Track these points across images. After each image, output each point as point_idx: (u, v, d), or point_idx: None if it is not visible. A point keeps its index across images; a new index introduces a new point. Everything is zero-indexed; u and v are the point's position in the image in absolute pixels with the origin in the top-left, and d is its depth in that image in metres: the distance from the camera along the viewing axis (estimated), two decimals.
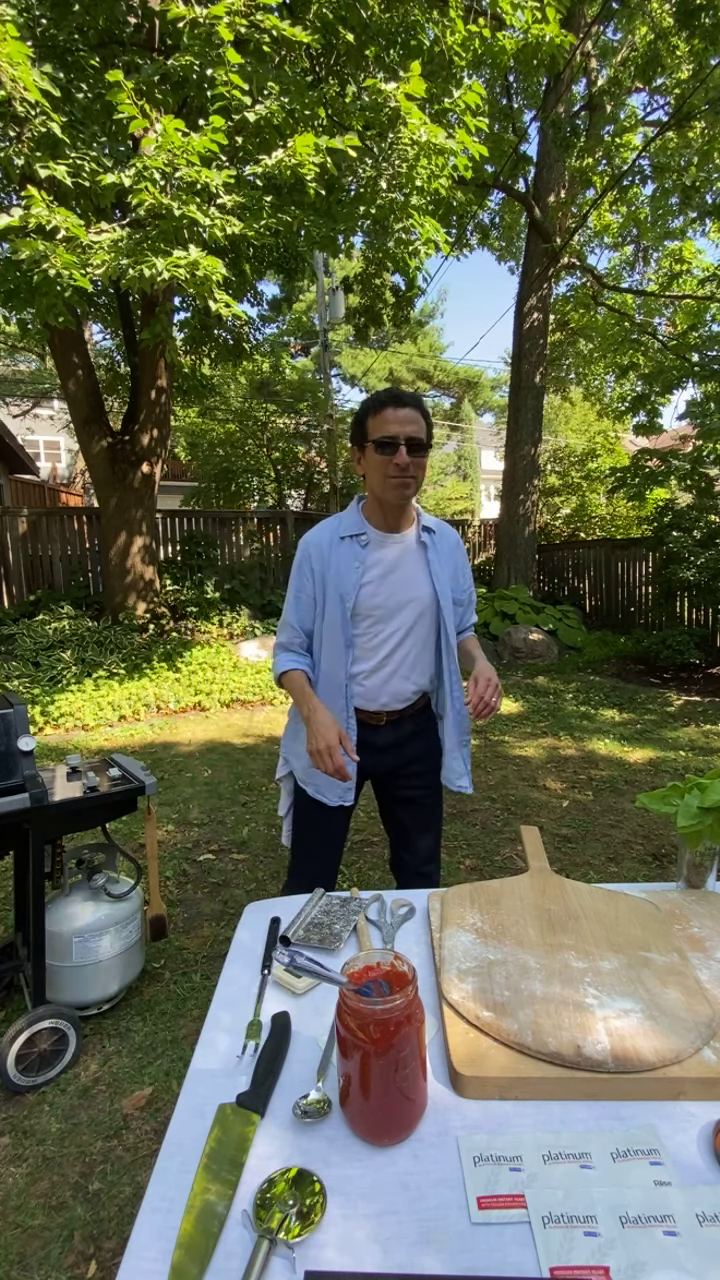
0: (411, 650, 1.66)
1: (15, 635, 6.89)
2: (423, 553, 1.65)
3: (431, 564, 1.64)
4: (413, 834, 1.85)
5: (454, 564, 1.71)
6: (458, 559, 1.73)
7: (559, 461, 14.30)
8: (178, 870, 3.10)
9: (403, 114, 4.82)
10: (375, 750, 1.71)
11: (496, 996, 0.91)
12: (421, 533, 1.67)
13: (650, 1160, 0.70)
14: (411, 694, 1.70)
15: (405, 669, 1.66)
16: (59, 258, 4.02)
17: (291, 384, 14.88)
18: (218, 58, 4.29)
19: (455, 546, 1.74)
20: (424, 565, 1.64)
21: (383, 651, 1.64)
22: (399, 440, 1.48)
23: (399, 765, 1.76)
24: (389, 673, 1.65)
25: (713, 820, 1.13)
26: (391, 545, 1.63)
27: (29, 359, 17.64)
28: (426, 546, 1.66)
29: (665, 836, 3.40)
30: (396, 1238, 0.64)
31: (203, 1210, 0.67)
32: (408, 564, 1.64)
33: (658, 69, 8.05)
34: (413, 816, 1.84)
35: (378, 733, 1.71)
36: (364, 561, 1.60)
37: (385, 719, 1.70)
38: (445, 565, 1.68)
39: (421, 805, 1.82)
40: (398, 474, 1.51)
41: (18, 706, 1.90)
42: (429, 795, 1.81)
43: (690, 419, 8.62)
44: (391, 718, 1.71)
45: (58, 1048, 1.89)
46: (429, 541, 1.67)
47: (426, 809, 1.83)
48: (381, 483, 1.54)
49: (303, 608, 1.67)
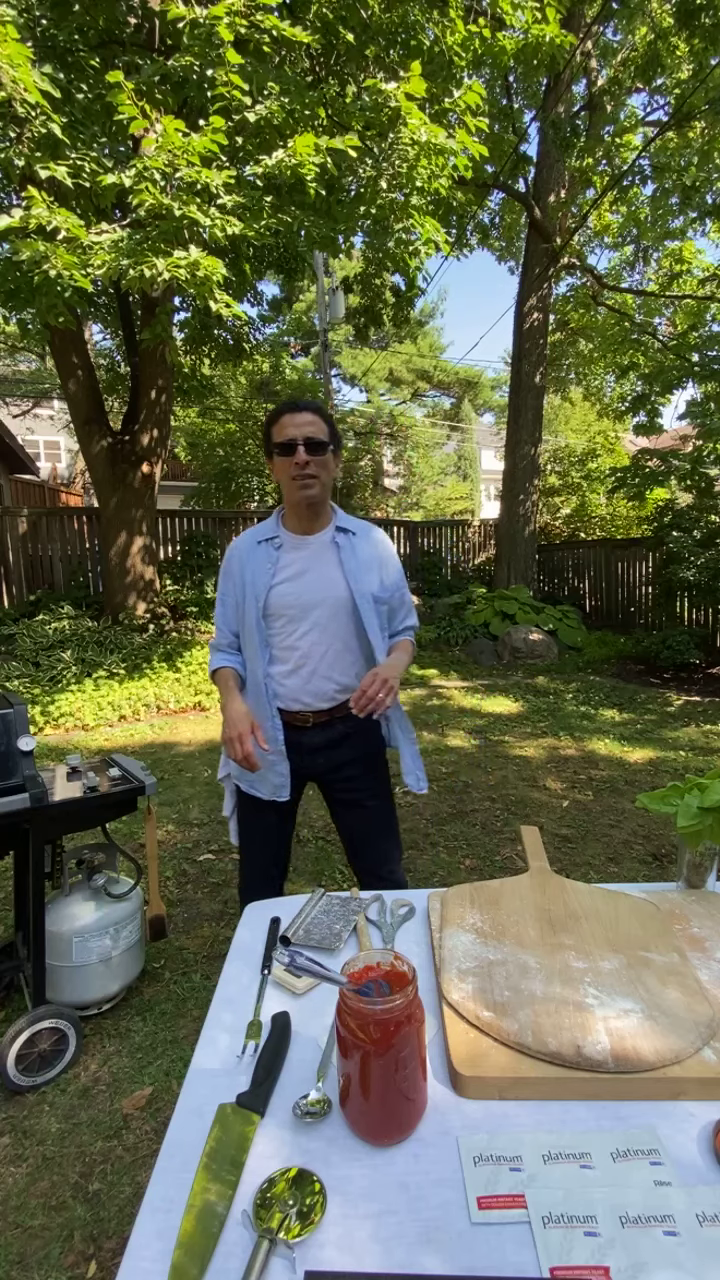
0: (329, 649, 1.67)
1: (15, 635, 6.89)
2: (335, 552, 1.69)
3: (345, 563, 1.67)
4: (359, 839, 1.84)
5: (377, 563, 1.73)
6: (382, 559, 1.75)
7: (559, 461, 14.30)
8: (178, 870, 3.10)
9: (403, 114, 4.82)
10: (307, 752, 1.72)
11: (496, 996, 0.91)
12: (336, 534, 1.71)
13: (650, 1160, 0.70)
14: (335, 693, 1.70)
15: (325, 668, 1.67)
16: (59, 258, 4.03)
17: (291, 384, 14.89)
18: (218, 58, 4.30)
19: (377, 546, 1.76)
20: (337, 565, 1.67)
21: (298, 650, 1.66)
22: (297, 441, 1.58)
23: (334, 767, 1.76)
24: (309, 672, 1.66)
25: (713, 820, 1.13)
26: (305, 547, 1.69)
27: (29, 359, 17.63)
28: (340, 547, 1.69)
29: (665, 836, 3.40)
30: (396, 1238, 0.64)
31: (203, 1210, 0.67)
32: (320, 564, 1.67)
33: (658, 69, 8.05)
34: (359, 820, 1.82)
35: (306, 734, 1.72)
36: (276, 563, 1.67)
37: (312, 720, 1.70)
38: (364, 565, 1.70)
39: (365, 808, 1.81)
40: (299, 472, 1.59)
41: (18, 706, 1.90)
42: (372, 798, 1.80)
43: (690, 419, 8.62)
44: (319, 718, 1.71)
45: (58, 1048, 1.89)
46: (343, 542, 1.70)
47: (370, 812, 1.81)
48: (288, 485, 1.63)
49: (228, 610, 1.75)
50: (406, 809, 3.79)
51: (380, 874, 1.82)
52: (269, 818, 1.78)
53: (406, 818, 3.67)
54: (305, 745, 1.72)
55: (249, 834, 1.82)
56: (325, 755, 1.74)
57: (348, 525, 1.74)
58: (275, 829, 1.81)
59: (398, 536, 11.97)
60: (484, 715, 5.87)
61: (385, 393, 23.71)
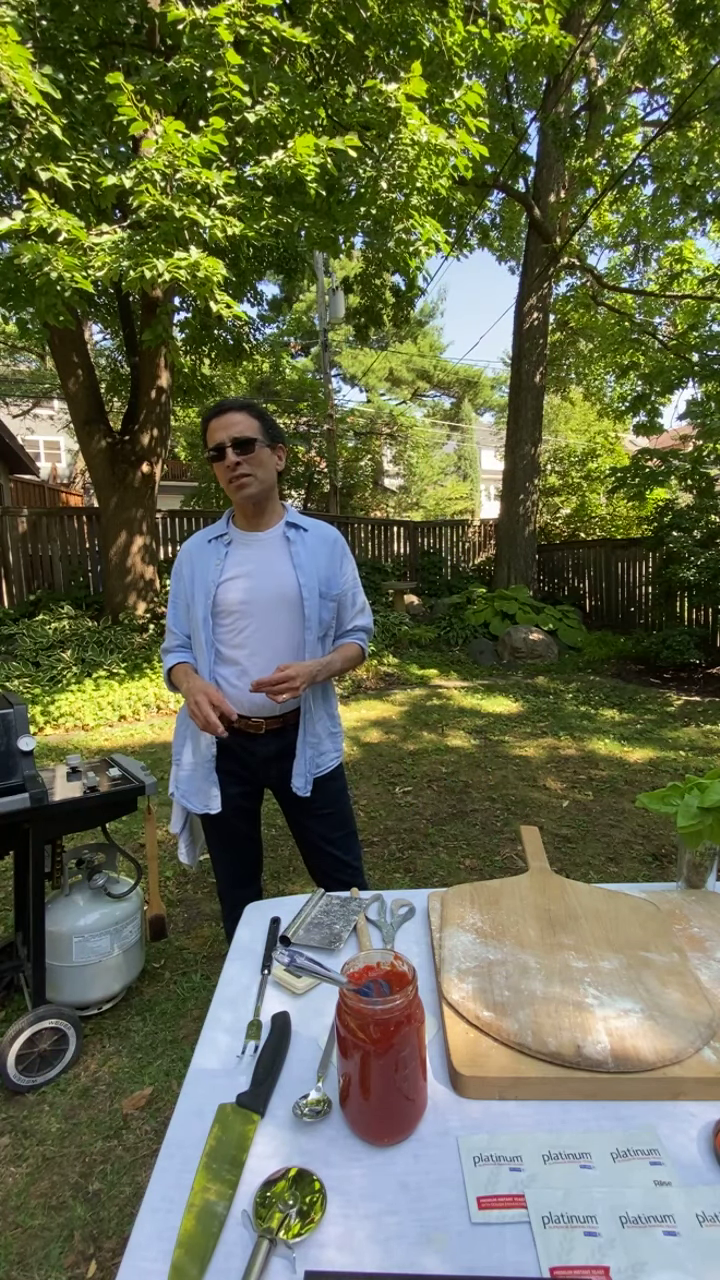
0: (277, 647, 1.62)
1: (15, 635, 6.88)
2: (285, 546, 1.66)
3: (295, 558, 1.64)
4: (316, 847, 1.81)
5: (328, 559, 1.69)
6: (334, 555, 1.71)
7: (559, 461, 14.30)
8: (178, 870, 3.10)
9: (403, 114, 4.81)
10: (260, 761, 1.69)
11: (496, 996, 0.91)
12: (287, 529, 1.69)
13: (650, 1160, 0.70)
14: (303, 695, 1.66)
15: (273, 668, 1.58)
16: (60, 260, 4.03)
17: (291, 384, 14.90)
18: (218, 59, 4.29)
19: (329, 543, 1.72)
20: (288, 559, 1.65)
21: (245, 650, 1.62)
22: (224, 444, 1.57)
23: (288, 776, 1.70)
24: (258, 673, 1.60)
25: (713, 820, 1.13)
26: (254, 544, 1.67)
27: (29, 359, 17.64)
28: (291, 541, 1.67)
29: (665, 836, 3.40)
30: (396, 1238, 0.64)
31: (203, 1210, 0.67)
32: (269, 559, 1.65)
33: (658, 69, 8.04)
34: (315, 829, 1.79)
35: (259, 741, 1.68)
36: (225, 560, 1.66)
37: (265, 726, 1.66)
38: (314, 560, 1.66)
39: (319, 817, 1.77)
40: (230, 475, 1.59)
41: (18, 706, 1.90)
42: (327, 806, 1.77)
43: (690, 419, 8.63)
44: (271, 725, 1.67)
45: (58, 1048, 1.89)
46: (294, 537, 1.68)
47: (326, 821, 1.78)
48: (228, 487, 1.62)
49: (179, 612, 1.74)
50: (406, 809, 3.79)
51: (341, 879, 1.78)
52: (226, 828, 1.76)
53: (406, 818, 3.67)
54: (259, 754, 1.69)
55: (213, 844, 1.81)
56: (278, 765, 1.70)
57: (299, 521, 1.72)
58: (237, 838, 1.79)
59: (398, 536, 11.97)
60: (484, 715, 5.87)
61: (385, 393, 23.71)
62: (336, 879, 1.78)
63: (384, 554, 11.78)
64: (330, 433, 14.15)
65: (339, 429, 13.79)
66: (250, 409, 1.63)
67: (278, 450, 1.67)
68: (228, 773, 1.70)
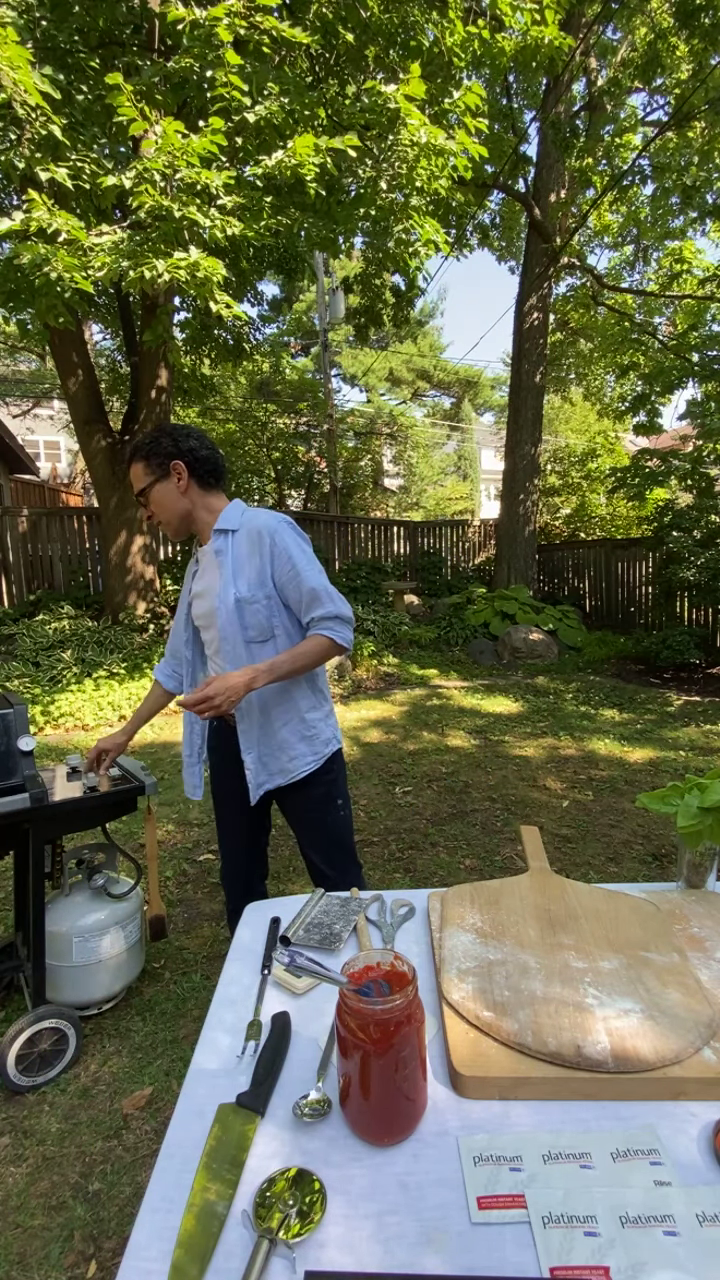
0: (239, 657, 1.65)
1: (15, 635, 6.89)
2: (216, 559, 1.69)
3: (223, 566, 1.66)
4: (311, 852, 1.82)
5: (258, 557, 1.62)
6: (260, 548, 1.61)
7: (559, 461, 14.30)
8: (178, 870, 3.10)
9: (403, 115, 4.82)
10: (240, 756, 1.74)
11: (496, 996, 0.91)
12: (217, 538, 1.68)
13: (650, 1160, 0.70)
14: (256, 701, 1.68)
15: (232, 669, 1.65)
16: (60, 260, 4.03)
17: (291, 384, 14.90)
18: (217, 59, 4.30)
19: (253, 538, 1.63)
20: (217, 570, 1.68)
21: (217, 661, 1.74)
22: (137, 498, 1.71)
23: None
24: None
25: (713, 820, 1.13)
26: (204, 558, 1.75)
27: (29, 359, 17.64)
28: (221, 551, 1.67)
29: (665, 836, 3.40)
30: (396, 1238, 0.64)
31: (203, 1210, 0.67)
32: (211, 573, 1.70)
33: (658, 69, 8.05)
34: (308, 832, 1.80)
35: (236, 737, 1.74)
36: (192, 578, 1.79)
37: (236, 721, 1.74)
38: (238, 565, 1.64)
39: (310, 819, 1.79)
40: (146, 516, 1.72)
41: (18, 706, 1.90)
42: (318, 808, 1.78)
43: (690, 419, 8.63)
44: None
45: (58, 1048, 1.89)
46: (224, 545, 1.67)
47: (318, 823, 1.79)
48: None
49: (177, 622, 1.88)
50: (406, 809, 3.79)
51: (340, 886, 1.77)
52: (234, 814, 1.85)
53: (406, 818, 3.67)
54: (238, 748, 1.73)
55: (219, 823, 1.91)
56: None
57: (230, 525, 1.67)
58: (245, 827, 1.86)
59: (398, 536, 11.97)
60: (484, 715, 5.87)
61: (385, 393, 23.71)
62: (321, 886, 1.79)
63: (384, 554, 11.78)
64: (330, 433, 14.16)
65: (339, 429, 13.79)
66: (138, 453, 1.64)
67: (172, 468, 1.62)
68: (224, 762, 1.81)
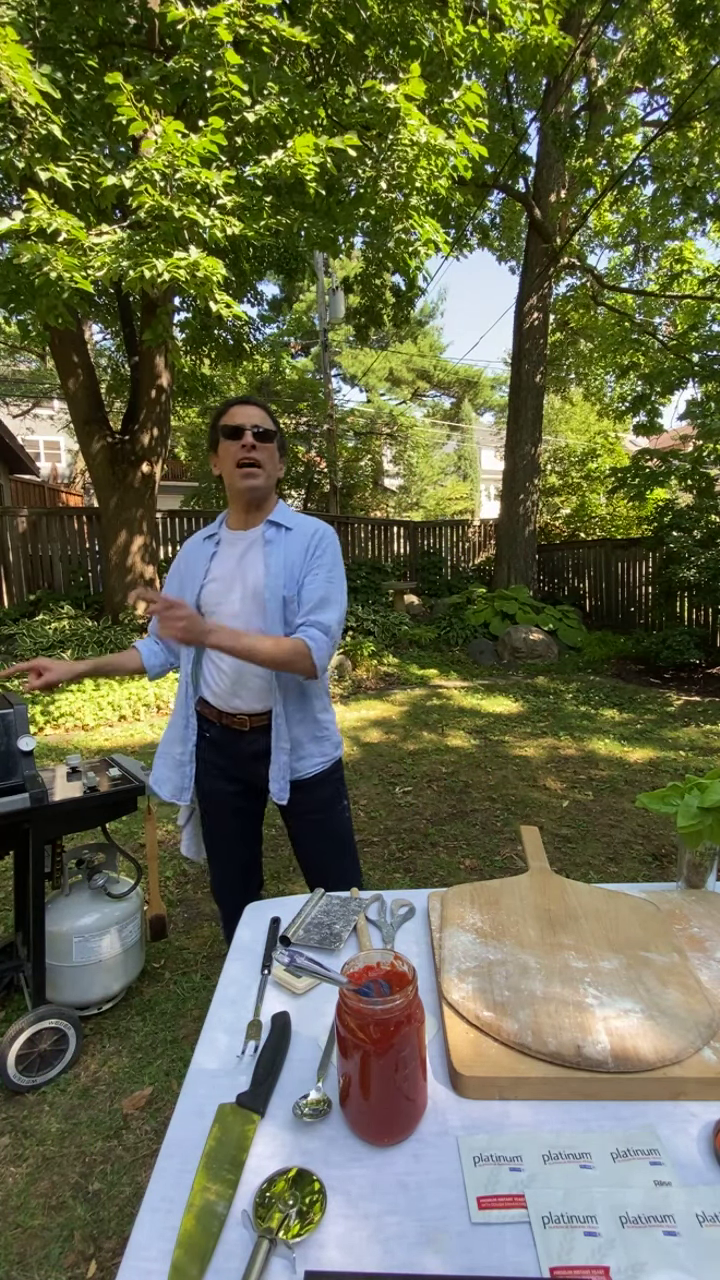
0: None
1: (15, 635, 6.89)
2: (263, 548, 1.61)
3: (270, 558, 1.59)
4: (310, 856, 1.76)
5: (302, 560, 1.60)
6: (306, 551, 1.60)
7: (559, 461, 14.30)
8: (178, 870, 3.10)
9: (402, 115, 4.82)
10: (248, 758, 1.66)
11: (497, 996, 0.91)
12: (269, 527, 1.64)
13: (650, 1160, 0.70)
14: (266, 692, 1.62)
15: (252, 668, 1.58)
16: (60, 260, 4.03)
17: (291, 384, 14.90)
18: (217, 59, 4.30)
19: (312, 542, 1.61)
20: (262, 560, 1.60)
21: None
22: (245, 427, 1.57)
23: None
24: (238, 671, 1.60)
25: (713, 820, 1.13)
26: (239, 543, 1.65)
27: (29, 359, 17.64)
28: (269, 542, 1.61)
29: (665, 836, 3.40)
30: (396, 1238, 0.64)
31: (203, 1210, 0.67)
32: (247, 560, 1.62)
33: (658, 69, 8.04)
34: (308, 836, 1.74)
35: (245, 739, 1.66)
36: (210, 560, 1.66)
37: (249, 723, 1.64)
38: (289, 560, 1.59)
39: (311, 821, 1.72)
40: (244, 455, 1.57)
41: (18, 706, 1.90)
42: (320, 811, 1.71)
43: (690, 419, 8.63)
44: (256, 722, 1.64)
45: (58, 1048, 1.89)
46: (273, 537, 1.62)
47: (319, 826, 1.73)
48: (231, 471, 1.59)
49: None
50: (406, 809, 3.79)
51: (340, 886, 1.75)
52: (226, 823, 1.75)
53: (406, 818, 3.67)
54: (245, 751, 1.66)
55: (210, 834, 1.80)
56: (266, 763, 1.65)
57: (284, 520, 1.65)
58: (238, 835, 1.78)
59: (398, 536, 11.97)
60: (484, 715, 5.87)
61: (385, 393, 23.71)
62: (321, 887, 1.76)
63: (384, 554, 11.78)
64: (330, 433, 14.16)
65: (339, 429, 13.79)
66: (270, 412, 1.66)
67: (283, 459, 1.70)
68: (217, 767, 1.71)
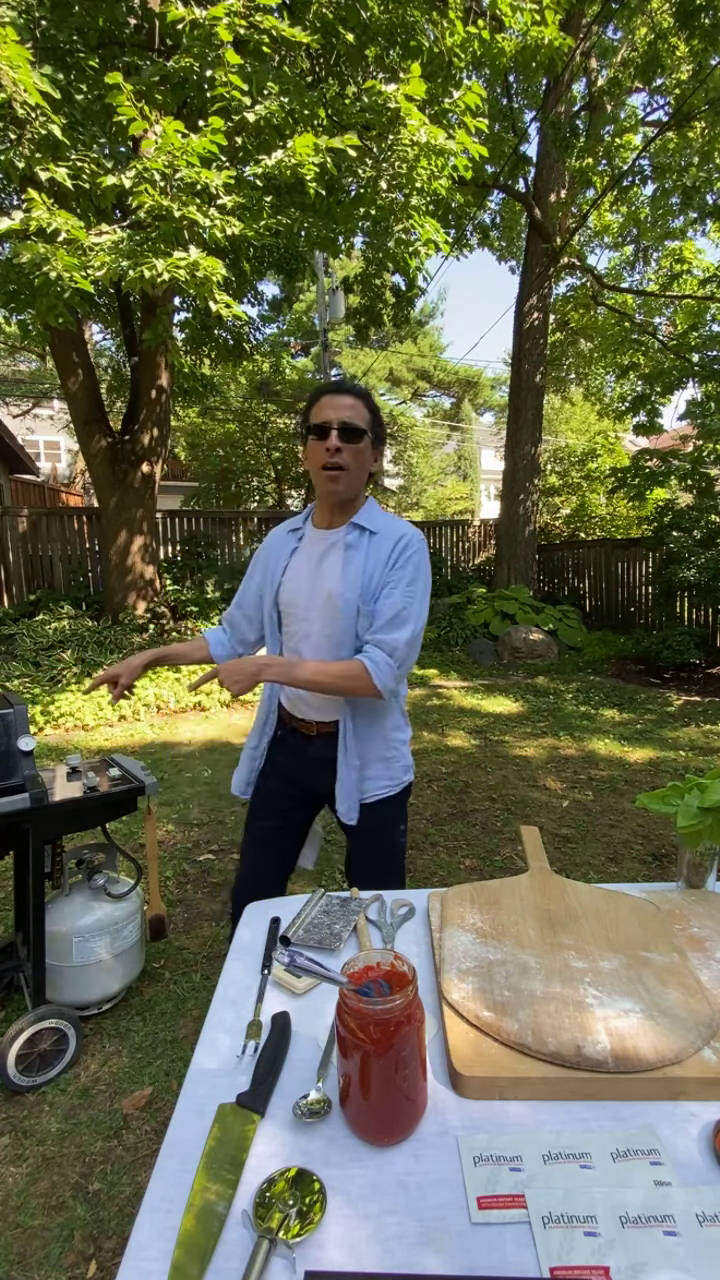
0: (325, 654, 1.52)
1: (15, 635, 6.89)
2: (343, 552, 1.52)
3: (349, 563, 1.50)
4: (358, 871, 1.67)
5: (384, 569, 1.49)
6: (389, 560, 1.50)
7: (559, 461, 14.30)
8: (178, 870, 3.10)
9: (403, 115, 4.82)
10: (313, 764, 1.59)
11: (497, 996, 0.91)
12: (351, 530, 1.54)
13: (650, 1160, 0.70)
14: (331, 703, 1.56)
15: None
16: (60, 260, 4.03)
17: (291, 384, 14.89)
18: (217, 59, 4.30)
19: (395, 550, 1.50)
20: (341, 565, 1.51)
21: (298, 653, 1.55)
22: (331, 424, 1.45)
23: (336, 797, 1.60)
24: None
25: (713, 820, 1.13)
26: (320, 543, 1.56)
27: (29, 359, 17.64)
28: (350, 546, 1.52)
29: (665, 836, 3.40)
30: (396, 1238, 0.64)
31: (203, 1210, 0.67)
32: (328, 561, 1.53)
33: (658, 69, 8.04)
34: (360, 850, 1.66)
35: (311, 744, 1.60)
36: (290, 556, 1.59)
37: (316, 729, 1.58)
38: (369, 567, 1.49)
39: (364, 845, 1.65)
40: (328, 460, 1.46)
41: (18, 706, 1.90)
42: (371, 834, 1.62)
43: (690, 419, 8.63)
44: (322, 729, 1.58)
45: (58, 1048, 1.89)
46: (356, 541, 1.52)
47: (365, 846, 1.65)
48: (317, 475, 1.50)
49: (248, 592, 1.71)
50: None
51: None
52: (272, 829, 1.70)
53: None
54: (311, 756, 1.60)
55: (253, 835, 1.72)
56: (331, 772, 1.57)
57: (369, 524, 1.54)
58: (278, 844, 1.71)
59: None
60: (484, 715, 5.87)
61: (385, 393, 23.71)
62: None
63: None
64: None
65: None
66: (367, 399, 1.52)
67: (377, 451, 1.57)
68: (282, 769, 1.66)
